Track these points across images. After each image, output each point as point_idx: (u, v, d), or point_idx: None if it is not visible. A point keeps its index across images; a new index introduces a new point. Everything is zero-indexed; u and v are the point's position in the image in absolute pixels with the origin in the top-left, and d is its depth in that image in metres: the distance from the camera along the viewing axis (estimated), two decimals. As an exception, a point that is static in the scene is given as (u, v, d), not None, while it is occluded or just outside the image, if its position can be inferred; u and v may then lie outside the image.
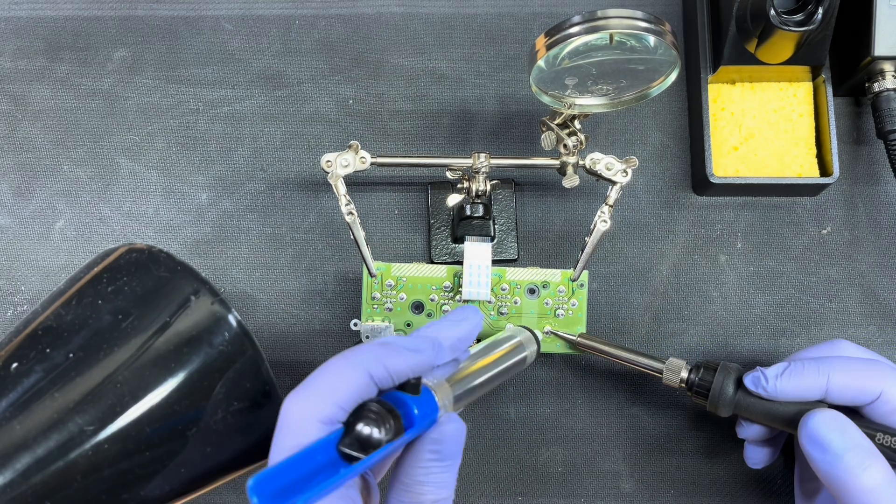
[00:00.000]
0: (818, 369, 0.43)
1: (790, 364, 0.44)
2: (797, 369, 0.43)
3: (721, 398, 0.45)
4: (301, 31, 0.57)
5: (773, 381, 0.43)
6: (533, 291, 0.50)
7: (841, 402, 0.43)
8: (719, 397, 0.45)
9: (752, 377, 0.44)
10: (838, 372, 0.43)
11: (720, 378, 0.45)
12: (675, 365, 0.47)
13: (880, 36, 0.50)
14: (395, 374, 0.36)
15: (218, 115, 0.56)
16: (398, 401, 0.35)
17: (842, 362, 0.43)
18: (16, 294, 0.54)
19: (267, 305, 0.54)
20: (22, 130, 0.55)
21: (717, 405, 0.46)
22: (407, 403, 0.35)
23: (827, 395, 0.43)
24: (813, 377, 0.43)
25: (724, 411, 0.46)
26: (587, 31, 0.41)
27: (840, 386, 0.43)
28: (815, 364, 0.43)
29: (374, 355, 0.36)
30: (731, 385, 0.45)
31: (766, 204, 0.55)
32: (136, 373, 0.37)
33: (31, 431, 0.35)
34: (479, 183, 0.50)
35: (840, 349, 0.46)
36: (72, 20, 0.57)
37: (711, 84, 0.54)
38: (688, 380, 0.47)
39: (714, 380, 0.46)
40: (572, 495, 0.52)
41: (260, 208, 0.55)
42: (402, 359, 0.36)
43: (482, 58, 0.57)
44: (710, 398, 0.46)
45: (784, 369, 0.44)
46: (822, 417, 0.41)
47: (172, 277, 0.39)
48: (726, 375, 0.46)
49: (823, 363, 0.43)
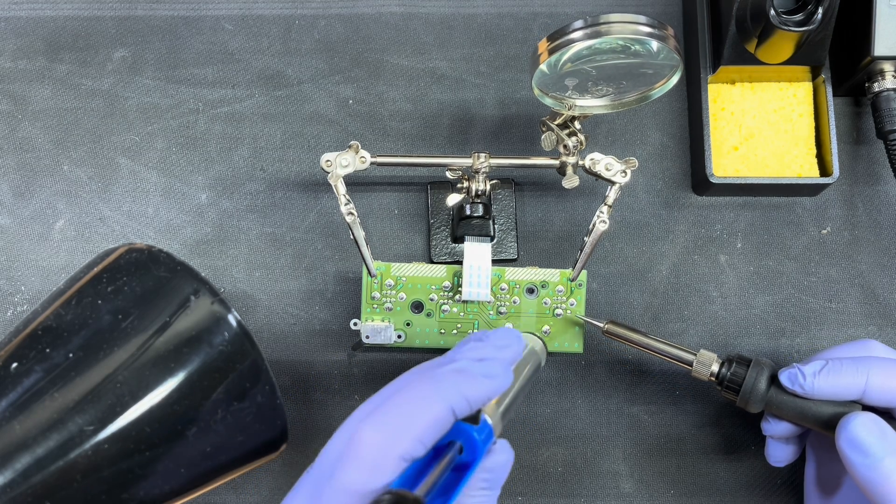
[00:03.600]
0: (857, 369, 0.42)
1: (828, 362, 0.43)
2: (835, 368, 0.42)
3: (753, 394, 0.44)
4: (301, 31, 0.57)
5: (811, 378, 0.42)
6: (532, 291, 0.50)
7: (878, 403, 0.42)
8: (751, 393, 0.44)
9: (789, 374, 0.43)
10: (877, 373, 0.42)
11: (753, 373, 0.44)
12: (706, 358, 0.46)
13: (880, 36, 0.50)
14: (474, 403, 0.35)
15: (218, 115, 0.56)
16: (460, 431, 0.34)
17: (880, 363, 0.42)
18: (16, 294, 0.54)
19: (267, 305, 0.54)
20: (22, 130, 0.55)
21: (748, 401, 0.45)
22: (469, 433, 0.34)
23: (864, 396, 0.42)
24: (851, 376, 0.42)
25: (754, 407, 0.45)
26: (590, 36, 0.41)
27: (879, 387, 0.42)
28: (854, 364, 0.42)
29: (454, 384, 0.34)
30: (764, 381, 0.44)
31: (766, 204, 0.55)
32: (136, 373, 0.37)
33: (31, 431, 0.35)
34: (478, 183, 0.50)
35: (871, 349, 0.45)
36: (72, 20, 0.57)
37: (711, 84, 0.54)
38: (718, 373, 0.46)
39: (746, 375, 0.44)
40: (572, 495, 0.52)
41: (260, 208, 0.55)
42: (480, 387, 0.35)
43: (482, 58, 0.57)
44: (741, 394, 0.45)
45: (822, 367, 0.43)
46: (861, 420, 0.41)
47: (172, 277, 0.39)
48: (759, 371, 0.44)
49: (862, 363, 0.42)
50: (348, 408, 0.52)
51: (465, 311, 0.50)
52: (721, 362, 0.46)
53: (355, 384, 0.53)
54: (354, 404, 0.53)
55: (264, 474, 0.52)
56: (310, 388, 0.53)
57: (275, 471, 0.52)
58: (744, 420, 0.52)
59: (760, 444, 0.52)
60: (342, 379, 0.53)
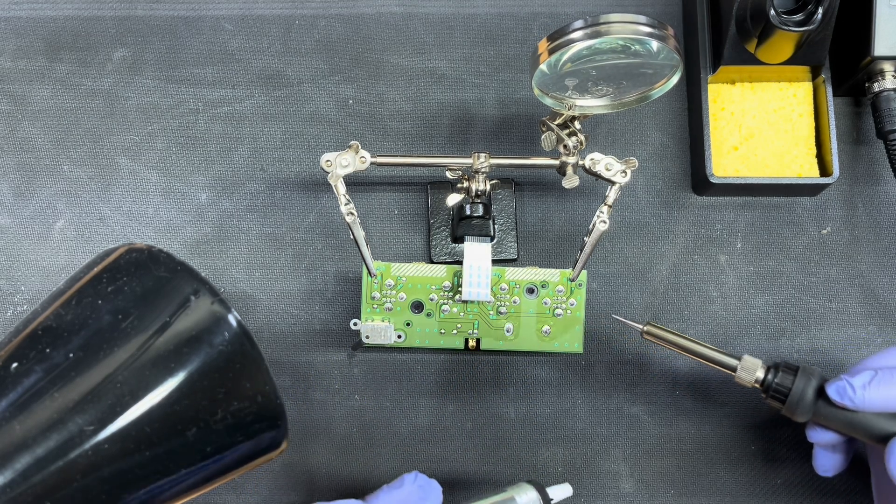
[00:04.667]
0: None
1: (877, 373, 0.42)
2: (885, 379, 0.41)
3: (800, 405, 0.43)
4: (301, 31, 0.57)
5: (861, 391, 0.41)
6: (532, 291, 0.50)
7: None
8: (798, 403, 0.43)
9: (837, 387, 0.42)
10: None
11: (801, 383, 0.43)
12: (751, 364, 0.45)
13: (880, 36, 0.50)
14: None
15: (218, 115, 0.56)
16: None
17: None
18: (16, 294, 0.54)
19: (267, 305, 0.54)
20: (22, 130, 0.55)
21: (795, 411, 0.43)
22: None
23: None
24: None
25: (801, 417, 0.44)
26: (590, 36, 0.41)
27: None
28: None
29: None
30: (812, 390, 0.43)
31: (766, 204, 0.55)
32: (136, 373, 0.37)
33: (30, 431, 0.35)
34: (478, 183, 0.50)
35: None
36: (72, 20, 0.57)
37: (711, 84, 0.54)
38: (764, 381, 0.44)
39: (794, 384, 0.43)
40: (572, 495, 0.52)
41: (260, 208, 0.55)
42: None
43: (482, 58, 0.57)
44: (787, 403, 0.43)
45: (871, 378, 0.41)
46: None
47: (172, 277, 0.39)
48: (808, 380, 0.43)
49: None
50: (348, 408, 0.53)
51: (465, 311, 0.50)
52: (766, 368, 0.44)
53: (355, 384, 0.53)
54: (354, 404, 0.53)
55: (264, 474, 0.52)
56: (310, 388, 0.53)
57: (275, 471, 0.52)
58: (744, 421, 0.53)
59: (760, 445, 0.52)
60: (342, 379, 0.53)
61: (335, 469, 0.52)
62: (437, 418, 0.53)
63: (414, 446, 0.52)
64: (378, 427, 0.53)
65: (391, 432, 0.52)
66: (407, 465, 0.52)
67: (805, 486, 0.52)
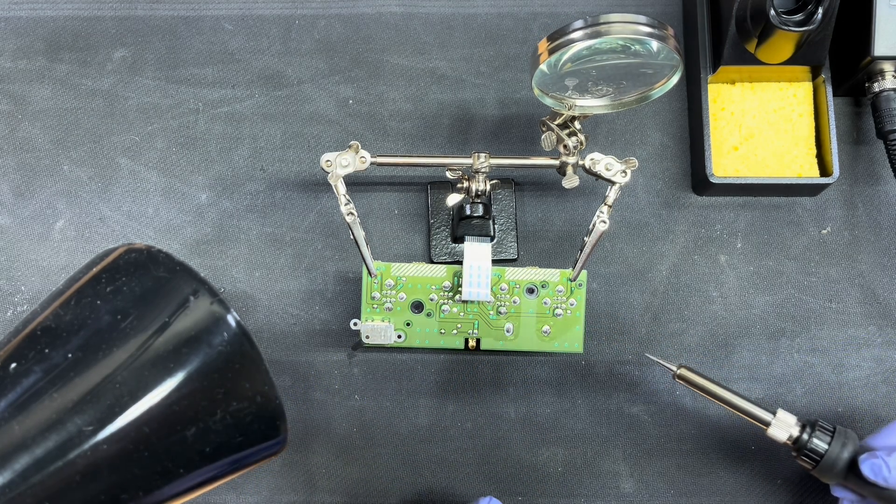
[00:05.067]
0: None
1: None
2: None
3: (834, 470, 0.42)
4: (301, 31, 0.57)
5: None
6: (532, 291, 0.50)
7: None
8: (832, 468, 0.42)
9: (872, 465, 0.42)
10: None
11: (836, 447, 0.42)
12: (785, 420, 0.44)
13: (880, 36, 0.50)
14: None
15: (218, 115, 0.56)
16: None
17: None
18: (16, 294, 0.54)
19: (267, 305, 0.54)
20: (22, 130, 0.55)
21: (828, 474, 0.43)
22: None
23: None
24: None
25: (831, 480, 0.43)
26: (590, 36, 0.41)
27: None
28: None
29: None
30: (847, 454, 0.42)
31: (766, 204, 0.55)
32: (135, 373, 0.37)
33: (30, 432, 0.35)
34: (478, 183, 0.50)
35: None
36: (72, 20, 0.57)
37: (711, 84, 0.54)
38: (798, 439, 0.43)
39: (829, 447, 0.42)
40: (572, 495, 0.52)
41: (260, 208, 0.55)
42: None
43: (482, 58, 0.57)
44: (820, 465, 0.43)
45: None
46: None
47: (171, 277, 0.39)
48: (843, 444, 0.42)
49: None
50: (348, 408, 0.53)
51: (465, 311, 0.50)
52: (802, 426, 0.43)
53: (355, 384, 0.53)
54: (354, 404, 0.53)
55: (264, 474, 0.52)
56: (310, 388, 0.53)
57: (275, 471, 0.52)
58: (744, 421, 0.52)
59: (760, 444, 0.52)
60: (342, 379, 0.53)
61: (335, 469, 0.52)
62: (437, 418, 0.53)
63: (414, 446, 0.52)
64: (378, 427, 0.53)
65: (391, 432, 0.53)
66: (407, 465, 0.52)
67: (805, 486, 0.52)
